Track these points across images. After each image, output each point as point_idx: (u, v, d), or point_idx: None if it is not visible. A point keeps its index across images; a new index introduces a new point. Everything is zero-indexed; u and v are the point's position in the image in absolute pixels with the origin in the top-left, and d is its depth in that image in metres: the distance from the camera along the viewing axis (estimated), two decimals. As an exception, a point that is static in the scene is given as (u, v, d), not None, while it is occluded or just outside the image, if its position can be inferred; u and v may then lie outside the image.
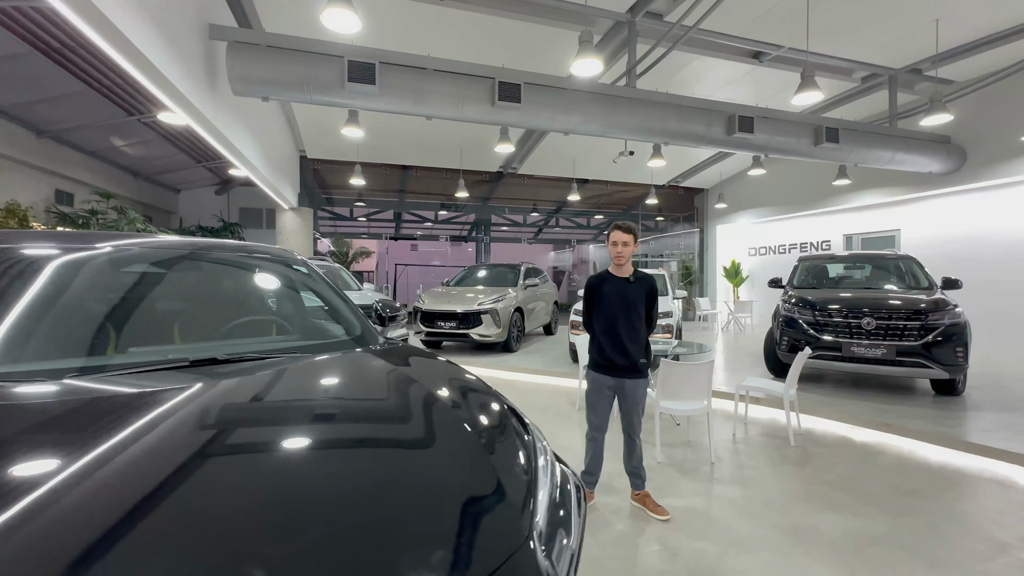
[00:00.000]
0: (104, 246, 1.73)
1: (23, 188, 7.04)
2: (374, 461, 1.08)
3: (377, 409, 1.33)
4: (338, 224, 16.17)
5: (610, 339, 2.81)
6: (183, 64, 4.39)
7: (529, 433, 1.38)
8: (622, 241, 2.79)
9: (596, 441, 2.95)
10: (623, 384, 2.85)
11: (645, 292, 2.86)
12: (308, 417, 1.21)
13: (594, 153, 11.17)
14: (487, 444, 1.21)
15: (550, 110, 5.86)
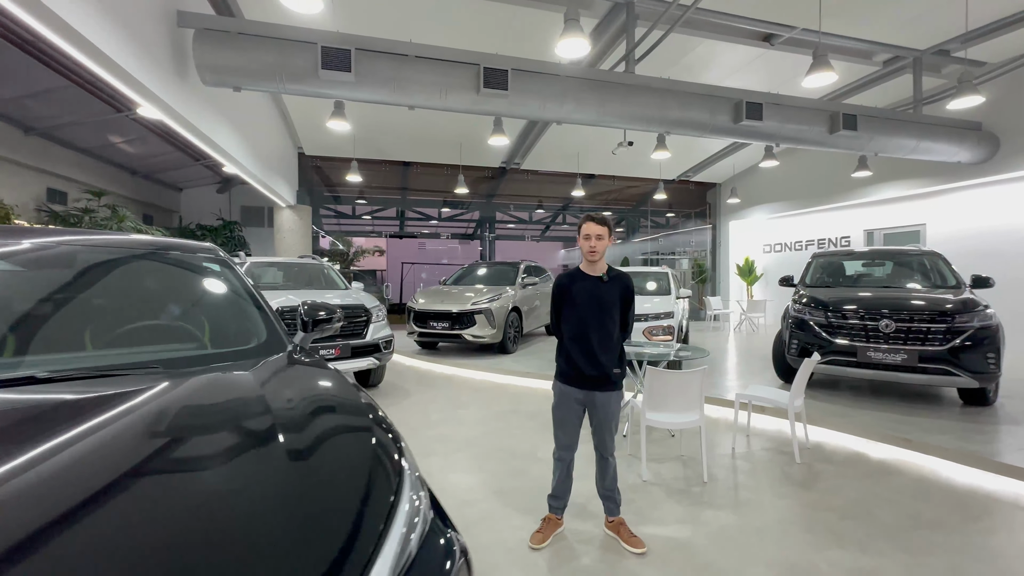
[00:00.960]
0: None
1: (10, 187, 6.98)
2: (161, 512, 0.79)
3: (194, 449, 1.02)
4: (342, 222, 16.06)
5: (580, 346, 2.48)
6: (145, 53, 4.17)
7: (397, 485, 1.06)
8: (595, 234, 2.44)
9: (564, 462, 2.61)
10: (594, 397, 2.51)
11: (620, 293, 2.52)
12: (93, 455, 0.91)
13: (598, 147, 10.77)
14: (316, 506, 0.89)
15: (539, 97, 5.50)
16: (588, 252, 2.47)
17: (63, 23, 3.35)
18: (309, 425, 1.16)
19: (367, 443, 1.15)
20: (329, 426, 1.21)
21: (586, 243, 2.47)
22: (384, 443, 1.17)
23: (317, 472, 1.00)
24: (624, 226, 18.18)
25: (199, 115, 5.30)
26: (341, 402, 1.35)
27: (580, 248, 2.52)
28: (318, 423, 1.20)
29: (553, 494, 2.65)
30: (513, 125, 9.81)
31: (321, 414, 1.25)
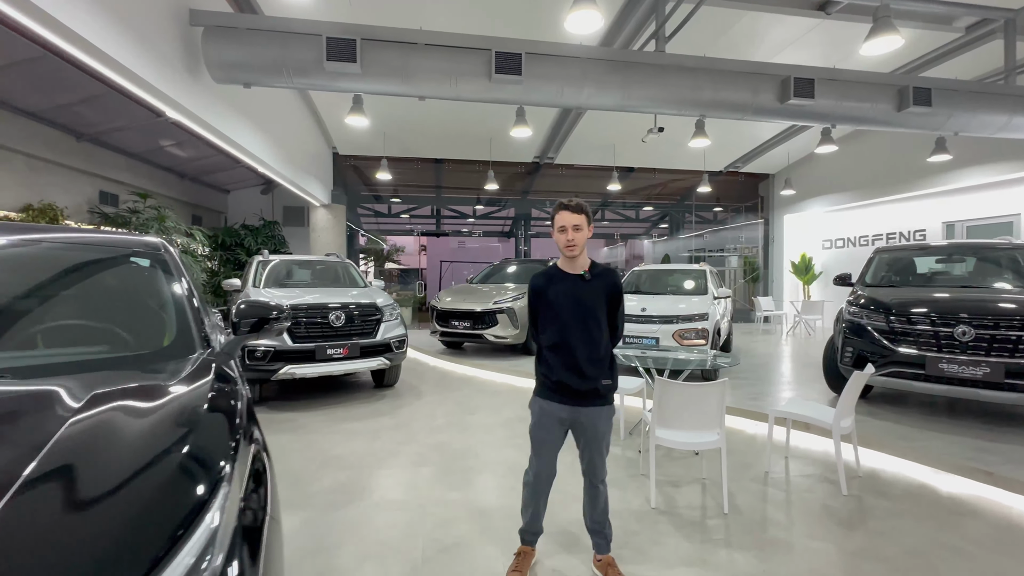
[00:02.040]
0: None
1: (65, 190, 7.46)
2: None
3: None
4: (380, 221, 16.29)
5: (562, 356, 2.12)
6: (159, 57, 4.19)
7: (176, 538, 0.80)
8: (572, 224, 2.08)
9: (538, 493, 2.25)
10: (579, 415, 2.14)
11: (606, 292, 2.15)
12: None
13: (634, 139, 10.16)
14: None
15: (556, 82, 5.12)
16: (565, 246, 2.10)
17: (80, 38, 3.43)
18: (95, 448, 0.92)
19: (152, 486, 0.88)
20: (123, 452, 0.95)
21: (561, 236, 2.10)
22: (186, 491, 0.89)
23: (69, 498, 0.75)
24: (668, 222, 17.28)
25: (219, 116, 5.35)
26: (170, 422, 1.08)
27: (556, 242, 2.15)
28: (112, 445, 0.95)
29: (525, 527, 2.30)
30: (542, 118, 9.44)
31: (128, 435, 0.99)
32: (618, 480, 3.26)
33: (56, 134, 7.20)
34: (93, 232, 1.97)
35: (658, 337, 5.57)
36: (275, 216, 12.77)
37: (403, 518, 2.76)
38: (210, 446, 1.01)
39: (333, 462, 3.59)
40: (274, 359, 4.75)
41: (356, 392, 5.70)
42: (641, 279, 7.19)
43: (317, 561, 2.33)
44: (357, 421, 4.58)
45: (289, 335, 4.82)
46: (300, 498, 2.99)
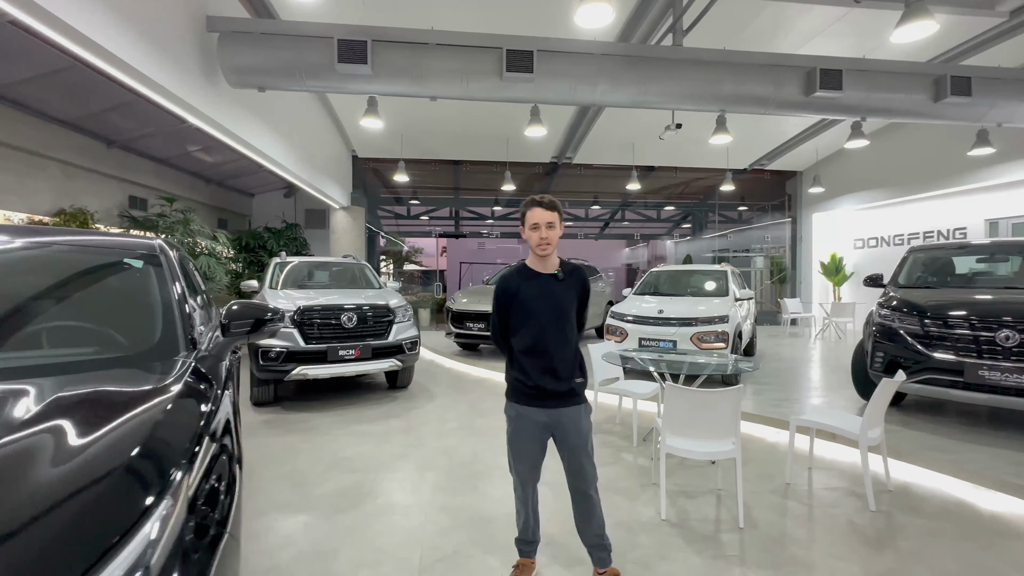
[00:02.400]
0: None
1: (96, 195, 7.75)
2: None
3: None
4: (401, 223, 16.43)
5: (537, 359, 2.04)
6: (172, 61, 4.26)
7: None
8: (546, 221, 1.99)
9: (527, 498, 2.17)
10: (559, 417, 2.05)
11: (578, 291, 2.10)
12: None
13: (654, 137, 9.95)
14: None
15: (569, 79, 5.01)
16: (538, 245, 2.00)
17: (103, 49, 3.54)
18: (38, 454, 0.88)
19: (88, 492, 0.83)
20: (64, 460, 0.91)
21: (534, 234, 2.00)
22: (121, 503, 0.84)
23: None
24: (691, 222, 16.88)
25: (236, 120, 5.43)
26: (122, 430, 1.03)
27: (527, 240, 2.04)
28: (58, 452, 0.91)
29: (520, 537, 2.22)
30: (559, 117, 9.33)
31: (74, 444, 0.95)
32: (628, 489, 3.14)
33: (88, 141, 7.48)
34: (88, 234, 1.97)
35: (675, 340, 5.39)
36: (297, 219, 13.03)
37: (404, 524, 2.70)
38: (159, 455, 0.96)
39: (340, 464, 3.57)
40: (287, 360, 4.78)
41: (369, 393, 5.71)
42: (659, 280, 7.01)
43: (314, 567, 2.30)
44: (368, 423, 4.57)
45: (301, 336, 4.85)
46: (303, 501, 2.98)
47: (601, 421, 4.58)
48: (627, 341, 5.71)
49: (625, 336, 5.75)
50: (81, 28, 3.33)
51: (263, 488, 3.18)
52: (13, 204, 6.38)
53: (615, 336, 5.88)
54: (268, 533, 2.59)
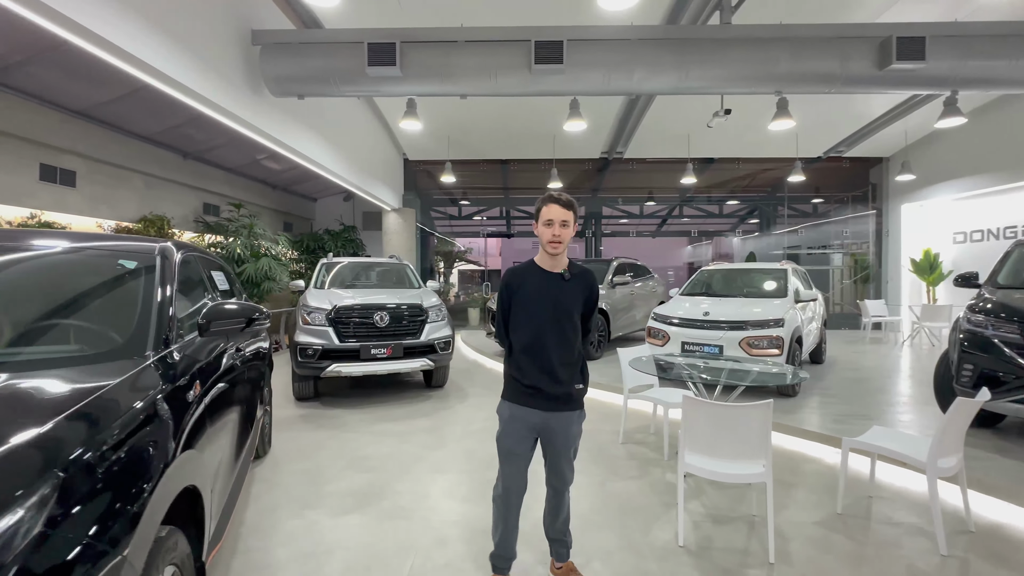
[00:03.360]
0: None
1: (175, 203, 8.54)
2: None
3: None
4: (453, 224, 16.70)
5: (536, 359, 1.96)
6: (218, 76, 4.53)
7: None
8: (560, 219, 1.92)
9: (510, 507, 2.06)
10: (550, 420, 1.98)
11: (584, 294, 2.01)
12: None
13: (714, 127, 9.30)
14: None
15: (602, 68, 4.76)
16: (550, 242, 1.93)
17: (156, 70, 3.85)
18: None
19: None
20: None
21: (547, 230, 1.92)
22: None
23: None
24: (758, 217, 15.68)
25: (282, 128, 5.70)
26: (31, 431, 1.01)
27: (538, 237, 1.95)
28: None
29: (497, 551, 2.10)
30: (605, 110, 8.98)
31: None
32: (647, 508, 2.88)
33: (166, 154, 8.25)
34: (97, 237, 2.08)
35: (721, 345, 4.95)
36: (355, 221, 13.64)
37: (404, 529, 2.65)
38: (24, 464, 0.92)
39: (358, 463, 3.60)
40: (322, 357, 4.94)
41: (404, 392, 5.78)
42: (711, 280, 6.50)
43: (305, 566, 2.29)
44: (394, 422, 4.61)
45: (336, 334, 4.99)
46: (314, 498, 3.02)
47: (632, 430, 4.30)
48: (669, 345, 5.34)
49: (667, 340, 5.38)
50: (139, 54, 3.65)
51: (282, 482, 3.27)
52: (104, 212, 7.16)
53: (656, 339, 5.52)
54: (273, 530, 2.64)
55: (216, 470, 1.82)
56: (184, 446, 1.47)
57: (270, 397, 4.05)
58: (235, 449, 2.23)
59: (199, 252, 2.83)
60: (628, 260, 9.27)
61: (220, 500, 1.91)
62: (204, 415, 1.73)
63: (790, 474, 3.38)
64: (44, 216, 6.00)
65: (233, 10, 4.81)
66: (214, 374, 1.99)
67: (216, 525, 1.91)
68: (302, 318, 5.13)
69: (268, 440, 3.89)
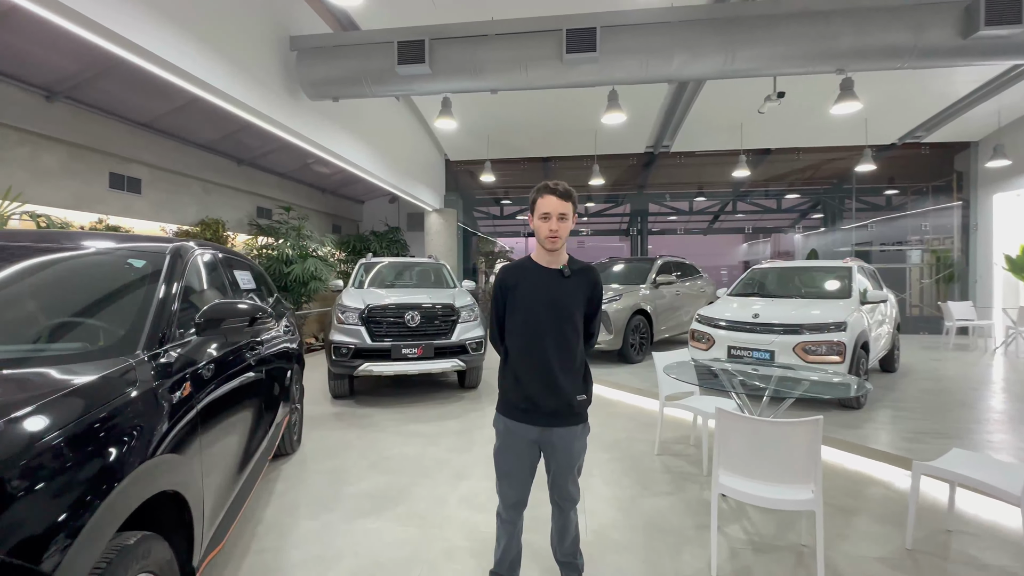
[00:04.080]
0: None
1: (231, 207, 9.04)
2: None
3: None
4: (497, 223, 16.67)
5: (533, 366, 1.79)
6: (256, 82, 4.67)
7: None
8: (558, 212, 1.75)
9: (510, 524, 1.90)
10: (551, 436, 1.80)
11: (586, 292, 1.82)
12: None
13: (766, 116, 8.65)
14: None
15: (638, 54, 4.48)
16: (547, 237, 1.76)
17: (202, 82, 4.06)
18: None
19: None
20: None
21: (544, 224, 1.76)
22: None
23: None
24: (823, 211, 14.50)
25: (319, 131, 5.83)
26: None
27: (535, 231, 1.78)
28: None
29: (496, 569, 1.93)
30: (649, 101, 8.57)
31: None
32: (679, 530, 2.62)
33: (222, 161, 8.73)
34: (114, 238, 2.12)
35: (772, 350, 4.52)
36: (400, 222, 13.93)
37: (414, 537, 2.55)
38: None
39: (381, 464, 3.56)
40: (355, 356, 4.99)
41: (437, 392, 5.75)
42: (765, 279, 6.01)
43: (310, 571, 2.25)
44: (424, 423, 4.56)
45: (368, 334, 5.02)
46: (333, 499, 2.99)
47: (670, 441, 4.00)
48: (714, 349, 4.96)
49: (711, 343, 5.00)
50: (188, 67, 3.87)
51: (306, 480, 3.28)
52: (166, 217, 7.66)
53: (700, 343, 5.15)
54: (289, 530, 2.63)
55: (211, 475, 1.79)
56: (164, 450, 1.42)
57: (301, 395, 4.12)
58: (242, 452, 2.21)
59: (223, 252, 2.88)
60: (674, 258, 8.82)
61: (218, 506, 1.88)
62: (198, 418, 1.70)
63: (851, 498, 2.99)
64: (110, 220, 6.46)
65: (273, 19, 4.95)
66: (219, 375, 1.97)
67: (215, 531, 1.89)
68: (336, 317, 5.20)
69: (298, 438, 3.94)
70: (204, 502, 1.71)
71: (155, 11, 3.58)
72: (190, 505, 1.57)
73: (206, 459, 1.74)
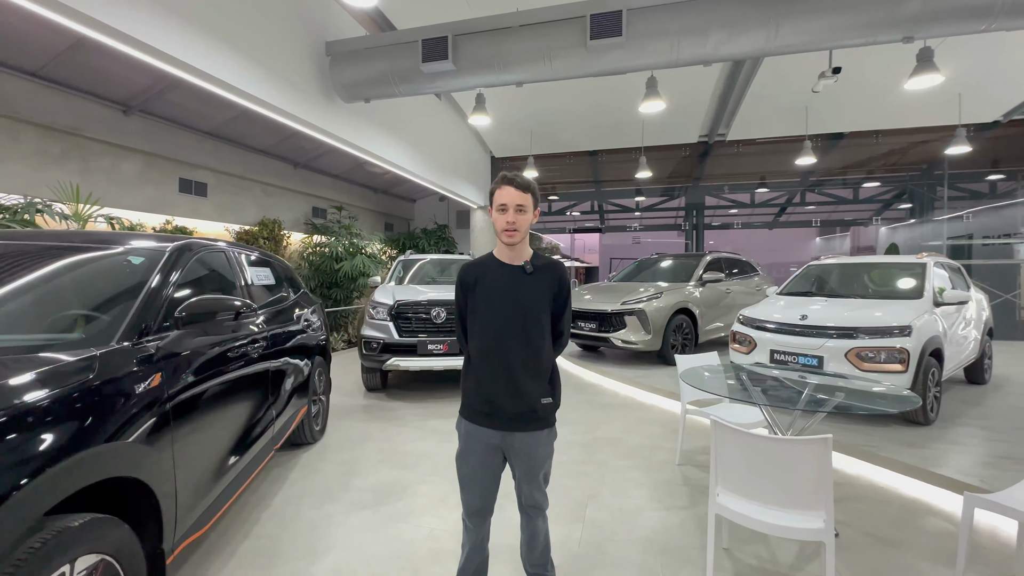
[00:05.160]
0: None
1: (289, 208, 9.64)
2: None
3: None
4: (547, 220, 16.48)
5: (494, 367, 1.70)
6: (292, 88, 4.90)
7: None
8: (516, 204, 1.66)
9: (474, 532, 1.81)
10: (513, 441, 1.71)
11: (551, 289, 1.72)
12: None
13: (834, 96, 7.82)
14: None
15: (669, 36, 4.18)
16: (504, 230, 1.67)
17: (248, 94, 4.36)
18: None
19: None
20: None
21: (501, 217, 1.67)
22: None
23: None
24: (911, 201, 12.94)
25: (356, 132, 6.03)
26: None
27: (494, 224, 1.68)
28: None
29: (458, 574, 1.84)
30: (700, 86, 8.05)
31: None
32: (685, 548, 2.42)
33: (280, 164, 9.31)
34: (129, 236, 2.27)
35: (821, 356, 4.06)
36: (449, 220, 14.19)
37: (404, 537, 2.54)
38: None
39: (394, 459, 3.61)
40: (383, 351, 5.11)
41: (466, 388, 5.76)
42: (821, 277, 5.45)
43: (298, 563, 2.30)
44: (445, 419, 4.57)
45: (396, 329, 5.12)
46: (339, 491, 3.06)
47: (694, 451, 3.73)
48: (755, 353, 4.56)
49: (753, 347, 4.59)
50: (235, 83, 4.18)
51: (319, 470, 3.39)
52: (230, 218, 8.30)
53: (740, 346, 4.75)
54: (291, 519, 2.72)
55: (187, 464, 1.87)
56: (120, 437, 1.49)
57: (326, 387, 4.27)
58: (232, 443, 2.29)
59: (238, 250, 3.03)
60: (727, 255, 8.26)
61: (197, 493, 1.96)
62: (169, 409, 1.77)
63: (899, 529, 2.61)
64: (176, 222, 7.09)
65: (311, 27, 5.16)
66: (206, 368, 2.06)
67: (199, 517, 1.97)
68: (368, 312, 5.36)
69: (321, 428, 4.10)
70: (176, 490, 1.78)
71: (208, 34, 3.91)
72: (155, 492, 1.64)
73: (180, 449, 1.82)
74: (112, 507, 1.59)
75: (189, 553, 2.32)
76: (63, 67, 5.40)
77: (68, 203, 4.78)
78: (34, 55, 5.15)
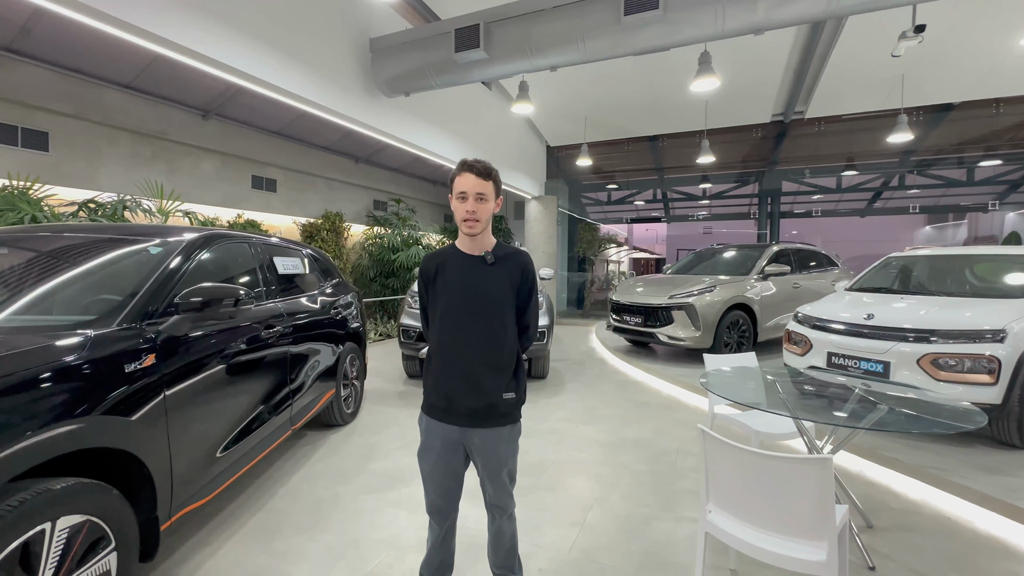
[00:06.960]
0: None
1: (351, 201, 10.18)
2: None
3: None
4: (607, 209, 15.98)
5: (453, 361, 1.65)
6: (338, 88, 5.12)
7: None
8: (476, 192, 1.60)
9: (436, 530, 1.77)
10: (473, 437, 1.66)
11: (514, 279, 1.66)
12: None
13: (946, 58, 6.74)
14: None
15: (713, 4, 3.80)
16: (465, 220, 1.61)
17: (296, 95, 4.66)
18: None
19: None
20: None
21: (461, 206, 1.61)
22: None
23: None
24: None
25: (400, 125, 6.18)
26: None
27: (453, 212, 1.63)
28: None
29: (421, 571, 1.82)
30: (768, 61, 7.32)
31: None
32: (686, 566, 2.23)
33: (342, 160, 9.84)
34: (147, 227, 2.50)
35: (888, 362, 3.53)
36: (506, 211, 14.23)
37: (401, 521, 2.58)
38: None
39: (413, 445, 3.67)
40: (419, 339, 5.24)
41: (502, 380, 5.75)
42: (902, 270, 4.76)
43: (295, 537, 2.42)
44: (473, 409, 4.59)
45: (430, 319, 5.22)
46: (354, 474, 3.18)
47: (725, 459, 3.41)
48: (810, 355, 4.08)
49: (808, 348, 4.12)
50: (282, 84, 4.44)
51: (341, 452, 3.55)
52: (297, 211, 8.92)
53: (795, 347, 4.28)
54: (302, 498, 2.86)
55: (185, 438, 2.01)
56: (107, 411, 1.63)
57: (360, 372, 4.46)
58: (234, 424, 2.43)
59: (265, 241, 3.22)
60: (798, 246, 7.49)
61: (197, 467, 2.11)
62: (163, 386, 1.91)
63: (954, 568, 2.21)
64: (247, 216, 7.73)
65: (356, 27, 5.34)
66: (211, 351, 2.22)
67: (200, 489, 2.13)
68: (408, 302, 5.52)
69: (353, 412, 4.29)
70: (171, 462, 1.93)
71: (264, 44, 4.23)
72: (146, 464, 1.79)
73: (176, 425, 1.96)
74: (108, 476, 1.75)
75: (199, 524, 2.51)
76: (150, 78, 6.06)
77: (154, 200, 5.37)
78: (125, 69, 5.82)
